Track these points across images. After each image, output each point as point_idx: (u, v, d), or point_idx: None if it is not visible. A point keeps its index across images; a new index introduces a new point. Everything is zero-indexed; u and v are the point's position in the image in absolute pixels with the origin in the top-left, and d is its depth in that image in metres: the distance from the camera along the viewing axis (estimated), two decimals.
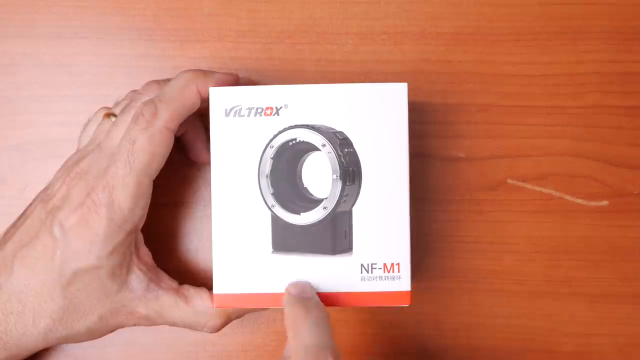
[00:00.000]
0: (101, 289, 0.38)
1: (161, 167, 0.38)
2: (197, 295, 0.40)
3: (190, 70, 0.39)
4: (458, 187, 0.45)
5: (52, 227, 0.37)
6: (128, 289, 0.39)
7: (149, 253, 0.41)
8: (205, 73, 0.39)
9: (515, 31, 0.45)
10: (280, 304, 0.38)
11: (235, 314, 0.41)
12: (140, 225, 0.39)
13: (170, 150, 0.38)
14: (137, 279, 0.39)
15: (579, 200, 0.45)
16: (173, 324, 0.40)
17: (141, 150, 0.36)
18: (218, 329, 0.40)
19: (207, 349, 0.45)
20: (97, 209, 0.36)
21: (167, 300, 0.39)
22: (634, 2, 0.45)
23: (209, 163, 0.39)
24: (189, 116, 0.38)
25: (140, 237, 0.40)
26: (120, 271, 0.38)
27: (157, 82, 0.40)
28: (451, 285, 0.45)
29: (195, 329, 0.40)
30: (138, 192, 0.37)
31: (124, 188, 0.36)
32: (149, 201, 0.38)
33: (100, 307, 0.38)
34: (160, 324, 0.40)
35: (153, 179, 0.38)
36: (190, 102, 0.38)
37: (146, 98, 0.39)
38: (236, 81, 0.41)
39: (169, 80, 0.40)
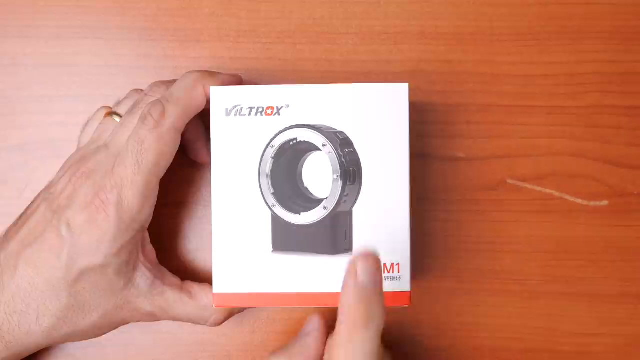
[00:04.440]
0: (107, 286, 0.38)
1: (168, 166, 0.38)
2: (200, 291, 0.41)
3: (196, 70, 0.39)
4: (458, 187, 0.45)
5: (59, 226, 0.37)
6: (134, 285, 0.39)
7: (154, 251, 0.41)
8: (211, 74, 0.39)
9: (515, 31, 0.45)
10: (280, 304, 0.38)
11: (237, 309, 0.42)
12: (147, 224, 0.39)
13: (177, 150, 0.38)
14: (142, 276, 0.39)
15: (579, 200, 0.45)
16: (176, 319, 0.41)
17: (150, 150, 0.37)
18: (220, 323, 0.41)
19: (207, 349, 0.45)
20: (105, 208, 0.37)
21: (172, 296, 0.40)
22: (634, 2, 0.45)
23: (209, 163, 0.39)
24: None
25: (146, 235, 0.40)
26: (126, 269, 0.38)
27: (164, 82, 0.41)
28: (451, 285, 0.45)
29: (198, 323, 0.41)
30: (146, 192, 0.37)
31: (133, 187, 0.37)
32: (156, 200, 0.38)
33: (105, 304, 0.38)
34: (163, 319, 0.40)
35: (160, 178, 0.38)
36: (197, 102, 0.38)
37: (153, 99, 0.39)
38: (239, 82, 0.41)
39: (174, 81, 0.40)
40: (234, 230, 0.38)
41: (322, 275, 0.38)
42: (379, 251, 0.34)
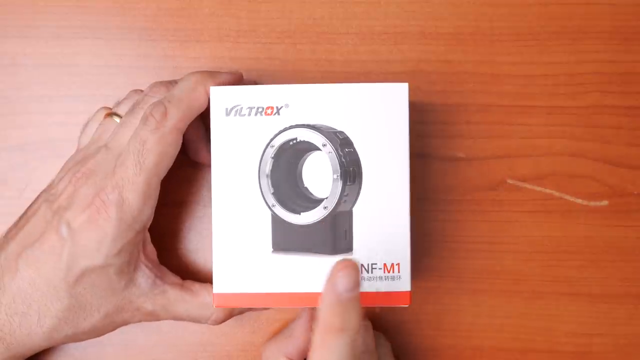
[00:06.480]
0: (108, 286, 0.38)
1: (170, 166, 0.38)
2: (202, 289, 0.41)
3: (197, 71, 0.39)
4: (458, 187, 0.45)
5: (59, 227, 0.37)
6: (135, 285, 0.39)
7: (154, 250, 0.41)
8: (212, 74, 0.39)
9: (515, 31, 0.45)
10: (280, 304, 0.38)
11: (238, 309, 0.42)
12: (148, 224, 0.39)
13: (178, 150, 0.38)
14: (143, 275, 0.39)
15: (579, 200, 0.45)
16: (178, 318, 0.41)
17: (151, 150, 0.37)
18: (221, 322, 0.41)
19: (207, 349, 0.45)
20: (106, 208, 0.37)
21: (173, 294, 0.40)
22: (634, 2, 0.45)
23: (209, 162, 0.39)
24: None
25: (147, 235, 0.40)
26: (127, 269, 0.38)
27: (164, 83, 0.41)
28: (451, 285, 0.45)
29: (200, 322, 0.41)
30: (147, 192, 0.37)
31: (134, 188, 0.37)
32: (157, 200, 0.38)
33: (106, 304, 0.38)
34: (165, 318, 0.41)
35: (161, 178, 0.38)
36: (199, 103, 0.38)
37: (153, 99, 0.39)
38: (240, 80, 0.41)
39: (175, 81, 0.40)
40: (234, 230, 0.38)
41: (322, 275, 0.38)
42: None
